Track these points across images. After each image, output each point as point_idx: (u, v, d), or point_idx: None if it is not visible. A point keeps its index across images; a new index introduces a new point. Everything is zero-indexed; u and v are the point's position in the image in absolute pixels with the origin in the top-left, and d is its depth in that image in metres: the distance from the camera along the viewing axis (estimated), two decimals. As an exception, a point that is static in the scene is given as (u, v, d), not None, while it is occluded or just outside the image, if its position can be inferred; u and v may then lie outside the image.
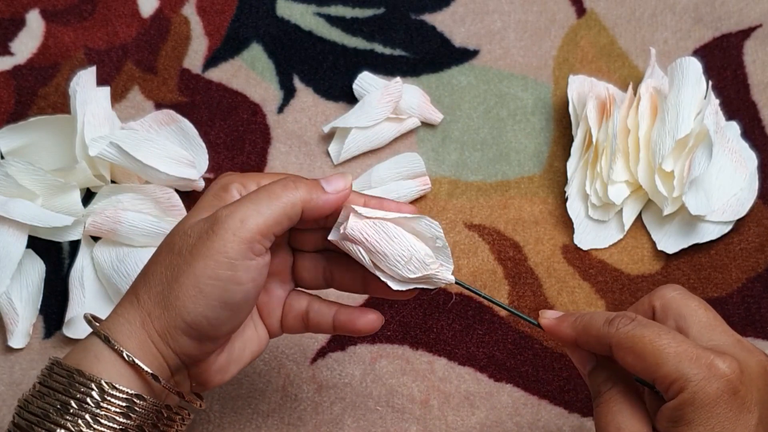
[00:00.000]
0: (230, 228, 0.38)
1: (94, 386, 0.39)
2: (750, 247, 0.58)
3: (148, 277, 0.41)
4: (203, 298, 0.39)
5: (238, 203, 0.40)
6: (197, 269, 0.39)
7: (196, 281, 0.39)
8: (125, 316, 0.41)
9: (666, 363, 0.37)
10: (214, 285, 0.39)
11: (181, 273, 0.39)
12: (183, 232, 0.40)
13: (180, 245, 0.40)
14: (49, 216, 0.57)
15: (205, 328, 0.40)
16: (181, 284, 0.39)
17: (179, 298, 0.39)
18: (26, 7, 0.69)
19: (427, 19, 0.67)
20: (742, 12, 0.66)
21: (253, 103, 0.64)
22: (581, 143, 0.60)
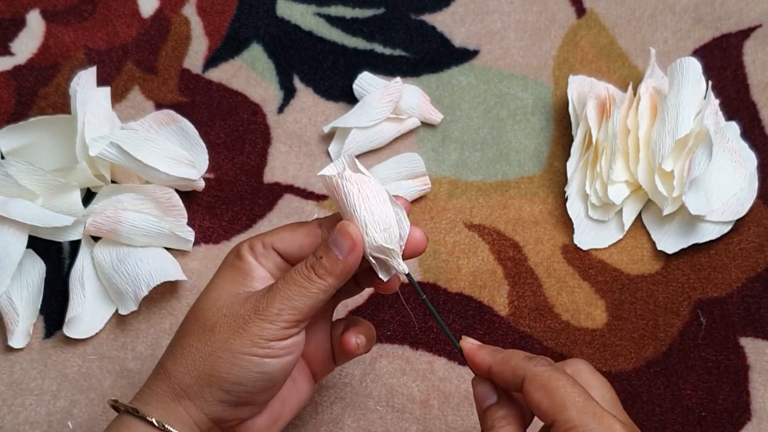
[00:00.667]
0: (267, 317, 0.42)
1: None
2: (750, 247, 0.58)
3: (177, 350, 0.43)
4: (240, 371, 0.42)
5: (273, 293, 0.42)
6: (234, 346, 0.42)
7: (232, 356, 0.42)
8: (153, 388, 0.43)
9: (571, 409, 0.38)
10: (251, 359, 0.42)
11: (216, 347, 0.42)
12: (216, 310, 0.43)
13: (213, 322, 0.43)
14: (49, 216, 0.57)
15: (242, 395, 0.43)
16: (217, 358, 0.42)
17: (215, 369, 0.42)
18: (26, 7, 0.69)
19: (427, 19, 0.67)
20: (742, 12, 0.66)
21: (253, 103, 0.64)
22: (581, 143, 0.60)
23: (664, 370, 0.54)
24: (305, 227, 0.45)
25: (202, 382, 0.42)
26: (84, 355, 0.56)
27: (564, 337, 0.55)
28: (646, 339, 0.55)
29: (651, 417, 0.53)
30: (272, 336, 0.42)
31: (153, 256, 0.56)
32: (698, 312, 0.56)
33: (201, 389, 0.42)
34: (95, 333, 0.56)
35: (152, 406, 0.42)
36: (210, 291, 0.44)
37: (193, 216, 0.60)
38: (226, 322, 0.42)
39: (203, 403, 0.42)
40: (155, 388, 0.43)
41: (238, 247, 0.45)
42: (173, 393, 0.42)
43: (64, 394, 0.54)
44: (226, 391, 0.42)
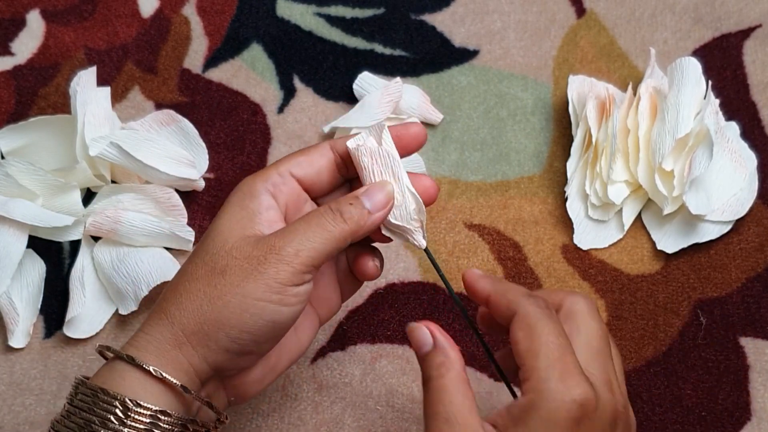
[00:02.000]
0: (284, 258, 0.40)
1: (117, 404, 0.39)
2: (750, 247, 0.58)
3: (182, 294, 0.41)
4: (250, 317, 0.40)
5: (292, 233, 0.40)
6: (246, 290, 0.39)
7: (243, 301, 0.39)
8: (153, 333, 0.41)
9: (542, 358, 0.38)
10: (263, 306, 0.40)
11: (226, 291, 0.40)
12: (226, 252, 0.41)
13: (224, 265, 0.40)
14: (49, 216, 0.57)
15: (248, 343, 0.40)
16: (226, 302, 0.40)
17: (223, 314, 0.40)
18: (26, 7, 0.69)
19: (427, 19, 0.67)
20: (742, 12, 0.66)
21: (253, 103, 0.64)
22: (581, 143, 0.60)
23: (664, 370, 0.54)
24: (318, 149, 0.43)
25: (207, 328, 0.40)
26: (84, 355, 0.56)
27: (564, 337, 0.55)
28: (646, 339, 0.55)
29: (651, 417, 0.53)
30: (288, 279, 0.40)
31: (153, 256, 0.56)
32: (698, 312, 0.56)
33: (206, 336, 0.40)
34: (95, 333, 0.56)
35: (149, 353, 0.40)
36: (217, 233, 0.42)
37: (193, 216, 0.60)
38: (238, 265, 0.40)
39: (206, 351, 0.40)
40: (154, 334, 0.41)
41: (250, 183, 0.43)
42: (174, 339, 0.40)
43: (64, 394, 0.54)
44: (232, 339, 0.40)
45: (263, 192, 0.42)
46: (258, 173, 0.43)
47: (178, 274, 0.42)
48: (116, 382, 0.40)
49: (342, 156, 0.44)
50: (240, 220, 0.42)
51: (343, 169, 0.44)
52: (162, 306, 0.41)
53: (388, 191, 0.42)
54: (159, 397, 0.40)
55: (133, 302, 0.55)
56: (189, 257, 0.43)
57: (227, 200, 0.43)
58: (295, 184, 0.43)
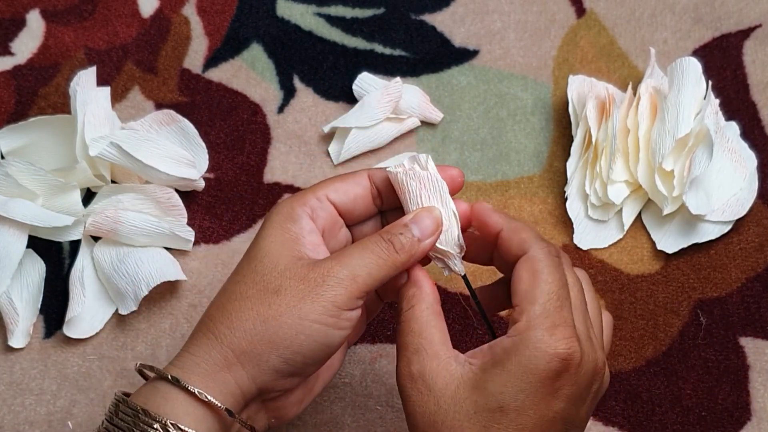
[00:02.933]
0: (342, 281, 0.40)
1: (158, 426, 0.38)
2: (750, 247, 0.58)
3: (232, 314, 0.40)
4: (305, 339, 0.39)
5: (348, 258, 0.41)
6: (302, 311, 0.39)
7: (299, 322, 0.39)
8: (200, 355, 0.40)
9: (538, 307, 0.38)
10: (317, 328, 0.40)
11: (281, 312, 0.39)
12: (279, 273, 0.40)
13: (277, 285, 0.40)
14: (49, 216, 0.57)
15: (298, 365, 0.40)
16: (281, 323, 0.39)
17: (278, 334, 0.39)
18: (26, 7, 0.69)
19: (427, 19, 0.67)
20: (742, 12, 0.66)
21: (253, 103, 0.64)
22: (581, 143, 0.60)
23: (664, 370, 0.54)
24: (355, 177, 0.44)
25: (261, 348, 0.39)
26: (84, 355, 0.56)
27: (564, 337, 0.55)
28: (646, 339, 0.55)
29: (651, 417, 0.53)
30: (344, 303, 0.40)
31: (153, 256, 0.56)
32: (698, 312, 0.56)
33: (258, 356, 0.39)
34: (95, 333, 0.56)
35: (195, 374, 0.39)
36: (264, 254, 0.41)
37: (193, 216, 0.60)
38: (293, 286, 0.40)
39: (257, 371, 0.40)
40: (201, 355, 0.40)
41: (289, 207, 0.42)
42: (224, 360, 0.39)
43: (64, 394, 0.54)
44: (284, 360, 0.39)
45: (303, 216, 0.42)
46: (296, 196, 0.43)
47: (225, 294, 0.42)
48: (158, 403, 0.39)
49: (378, 187, 0.44)
50: (285, 242, 0.42)
51: (378, 200, 0.44)
52: (209, 326, 0.41)
53: (436, 217, 0.42)
54: (201, 421, 0.39)
55: (133, 302, 0.55)
56: (231, 278, 0.42)
57: (267, 223, 0.43)
58: (332, 208, 0.43)
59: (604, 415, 0.53)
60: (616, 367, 0.54)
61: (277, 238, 0.42)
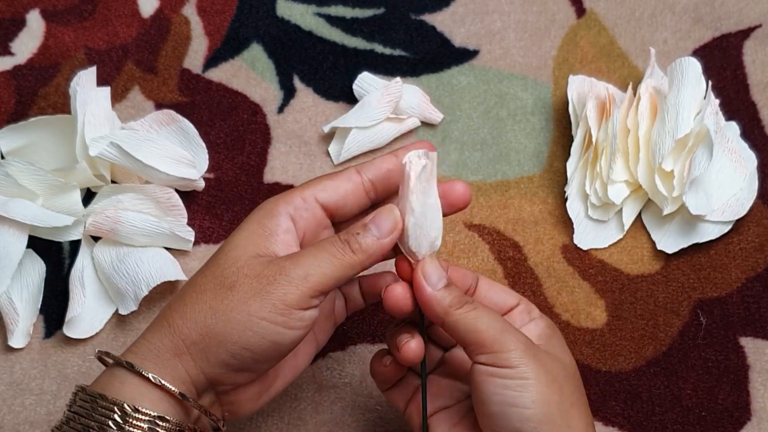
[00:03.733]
0: (294, 280, 0.40)
1: (116, 409, 0.39)
2: (750, 247, 0.58)
3: (187, 304, 0.41)
4: (253, 335, 0.40)
5: (303, 257, 0.41)
6: (252, 308, 0.40)
7: (248, 318, 0.40)
8: (153, 341, 0.41)
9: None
10: (266, 326, 0.40)
11: (232, 307, 0.40)
12: (237, 269, 0.41)
13: (233, 280, 0.40)
14: (49, 216, 0.57)
15: (247, 361, 0.41)
16: (230, 318, 0.40)
17: (226, 329, 0.40)
18: (26, 7, 0.69)
19: (427, 19, 0.67)
20: (742, 12, 0.66)
21: (253, 103, 0.64)
22: (581, 143, 0.60)
23: (664, 370, 0.54)
24: (345, 174, 0.44)
25: (209, 340, 0.40)
26: (84, 355, 0.56)
27: (564, 337, 0.55)
28: (646, 339, 0.55)
29: (651, 417, 0.53)
30: (294, 302, 0.40)
31: (153, 256, 0.56)
32: (698, 312, 0.56)
33: (206, 348, 0.40)
34: (95, 333, 0.56)
35: (148, 360, 0.40)
36: (230, 249, 0.42)
37: (193, 216, 0.60)
38: (247, 282, 0.40)
39: (205, 363, 0.40)
40: (155, 342, 0.41)
41: (273, 203, 0.43)
42: (174, 348, 0.40)
43: (64, 394, 0.54)
44: (232, 354, 0.40)
45: (283, 214, 0.42)
46: (283, 195, 0.43)
47: (187, 284, 0.42)
48: (115, 388, 0.40)
49: (371, 180, 0.44)
50: (256, 237, 0.42)
51: (372, 192, 0.44)
52: (166, 314, 0.42)
53: (395, 217, 0.42)
54: (158, 404, 0.40)
55: (132, 302, 0.55)
56: (200, 269, 0.43)
57: (248, 217, 0.43)
58: (318, 210, 0.43)
59: (604, 415, 0.53)
60: (616, 367, 0.54)
61: (251, 233, 0.42)
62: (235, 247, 0.42)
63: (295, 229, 0.43)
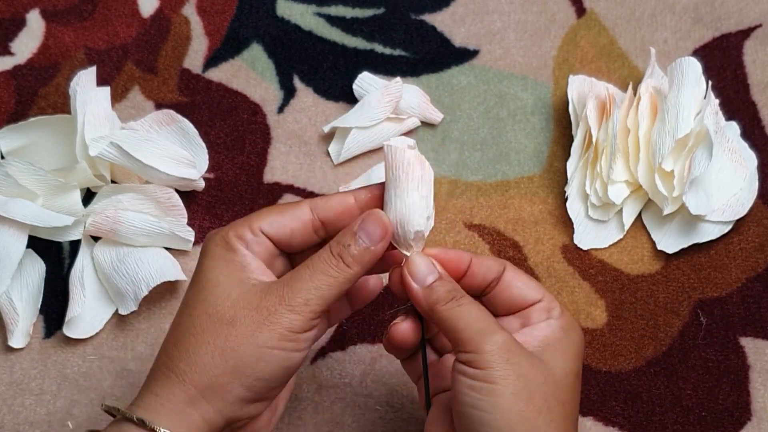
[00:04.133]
0: (295, 308, 0.40)
1: None
2: (750, 247, 0.58)
3: (188, 349, 0.40)
4: (265, 365, 0.40)
5: (299, 281, 0.40)
6: (260, 340, 0.39)
7: (258, 350, 0.40)
8: (162, 394, 0.40)
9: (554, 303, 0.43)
10: (277, 354, 0.40)
11: (239, 343, 0.39)
12: (231, 303, 0.40)
13: (231, 316, 0.40)
14: (49, 216, 0.57)
15: (261, 390, 0.40)
16: (241, 353, 0.39)
17: (238, 365, 0.39)
18: (26, 7, 0.69)
19: (427, 19, 0.67)
20: (742, 12, 0.66)
21: (253, 103, 0.64)
22: (581, 143, 0.60)
23: (664, 370, 0.54)
24: (295, 209, 0.43)
25: (223, 380, 0.39)
26: (84, 355, 0.56)
27: (564, 337, 0.55)
28: (646, 339, 0.55)
29: (651, 417, 0.53)
30: (300, 328, 0.40)
31: (153, 256, 0.56)
32: (698, 312, 0.56)
33: (221, 388, 0.39)
34: (95, 333, 0.56)
35: (160, 415, 0.39)
36: (213, 285, 0.41)
37: (193, 216, 0.60)
38: (248, 316, 0.40)
39: (222, 404, 0.40)
40: (164, 395, 0.40)
41: (225, 238, 0.42)
42: (187, 397, 0.39)
43: (64, 394, 0.54)
44: (248, 388, 0.40)
45: (241, 246, 0.42)
46: (230, 227, 0.42)
47: (179, 328, 0.41)
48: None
49: (322, 219, 0.43)
50: (232, 271, 0.41)
51: (321, 231, 0.43)
52: (167, 364, 0.40)
53: (383, 221, 0.41)
54: None
55: (132, 302, 0.55)
56: (182, 311, 0.42)
57: (206, 254, 0.42)
58: (267, 243, 0.42)
59: (604, 415, 0.53)
60: (616, 367, 0.54)
61: (223, 268, 0.41)
62: (218, 284, 0.41)
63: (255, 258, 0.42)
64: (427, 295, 0.41)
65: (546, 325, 0.43)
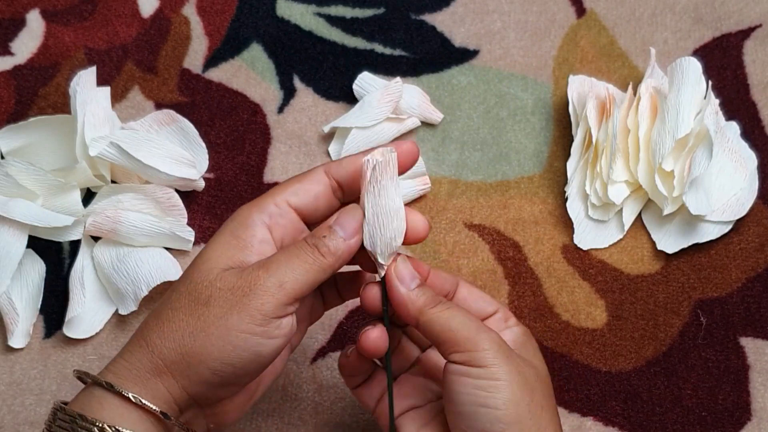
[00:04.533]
0: (269, 289, 0.39)
1: (96, 430, 0.38)
2: (750, 247, 0.58)
3: (164, 323, 0.40)
4: (233, 350, 0.39)
5: (275, 264, 0.40)
6: (230, 322, 0.39)
7: (227, 333, 0.39)
8: (132, 361, 0.40)
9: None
10: (246, 338, 0.39)
11: (209, 323, 0.39)
12: (209, 283, 0.40)
13: (207, 295, 0.40)
14: (49, 216, 0.57)
15: (229, 376, 0.40)
16: (209, 334, 0.39)
17: (206, 347, 0.39)
18: (26, 7, 0.69)
19: (427, 19, 0.67)
20: (742, 12, 0.66)
21: (253, 103, 0.64)
22: (581, 143, 0.60)
23: (664, 370, 0.54)
24: (313, 175, 0.43)
25: (189, 359, 0.39)
26: (84, 355, 0.56)
27: (564, 337, 0.55)
28: (646, 339, 0.55)
29: (651, 417, 0.53)
30: (272, 311, 0.39)
31: (153, 256, 0.56)
32: (698, 312, 0.56)
33: (187, 367, 0.39)
34: (95, 333, 0.56)
35: (128, 380, 0.40)
36: (203, 261, 0.41)
37: (193, 216, 0.60)
38: (222, 296, 0.39)
39: (186, 382, 0.40)
40: (134, 362, 0.40)
41: (246, 212, 0.42)
42: (154, 368, 0.39)
43: (64, 394, 0.54)
44: (213, 372, 0.39)
45: (259, 224, 0.42)
46: (255, 202, 0.42)
47: (163, 301, 0.41)
48: (95, 409, 0.39)
49: (338, 180, 0.43)
50: (229, 249, 0.41)
51: (339, 193, 0.43)
52: (143, 333, 0.41)
53: (358, 217, 0.41)
54: (138, 424, 0.39)
55: (132, 302, 0.55)
56: (174, 284, 0.42)
57: (221, 228, 0.42)
58: (293, 215, 0.42)
59: (604, 415, 0.53)
60: (616, 367, 0.54)
61: (224, 244, 0.41)
62: (208, 260, 0.41)
63: (272, 237, 0.42)
64: (414, 299, 0.41)
65: (509, 333, 0.44)
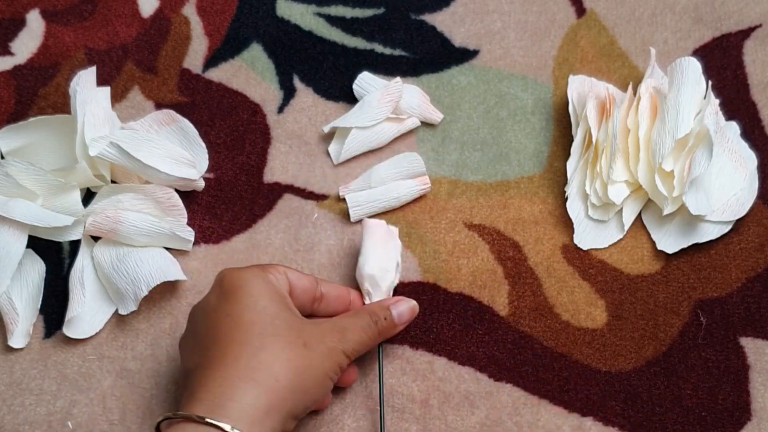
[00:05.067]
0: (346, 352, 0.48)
1: None
2: (750, 247, 0.58)
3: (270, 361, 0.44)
4: (320, 390, 0.47)
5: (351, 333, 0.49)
6: (326, 368, 0.47)
7: (324, 376, 0.46)
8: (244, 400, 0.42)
9: None
10: (329, 384, 0.48)
11: (313, 366, 0.46)
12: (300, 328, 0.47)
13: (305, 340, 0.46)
14: (49, 216, 0.57)
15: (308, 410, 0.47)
16: (312, 376, 0.46)
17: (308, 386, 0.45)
18: (26, 7, 0.69)
19: (427, 19, 0.67)
20: (742, 12, 0.66)
21: (253, 103, 0.64)
22: (581, 143, 0.60)
23: (664, 370, 0.54)
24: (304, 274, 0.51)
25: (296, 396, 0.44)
26: (84, 355, 0.56)
27: (564, 337, 0.55)
28: (646, 339, 0.55)
29: (651, 417, 0.53)
30: (344, 366, 0.48)
31: (153, 256, 0.56)
32: (698, 312, 0.56)
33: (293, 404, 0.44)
34: (95, 333, 0.56)
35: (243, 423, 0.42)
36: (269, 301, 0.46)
37: (193, 216, 0.60)
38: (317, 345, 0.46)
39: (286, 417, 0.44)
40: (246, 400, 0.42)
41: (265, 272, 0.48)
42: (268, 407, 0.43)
43: (64, 394, 0.54)
44: (306, 407, 0.46)
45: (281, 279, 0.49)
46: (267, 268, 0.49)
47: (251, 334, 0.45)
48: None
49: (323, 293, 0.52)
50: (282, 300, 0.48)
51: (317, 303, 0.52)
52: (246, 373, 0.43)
53: (413, 307, 0.52)
54: None
55: (132, 302, 0.55)
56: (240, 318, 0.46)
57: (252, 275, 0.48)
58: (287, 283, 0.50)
59: (604, 415, 0.53)
60: (616, 367, 0.54)
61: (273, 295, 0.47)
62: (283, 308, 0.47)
63: None
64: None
65: None
